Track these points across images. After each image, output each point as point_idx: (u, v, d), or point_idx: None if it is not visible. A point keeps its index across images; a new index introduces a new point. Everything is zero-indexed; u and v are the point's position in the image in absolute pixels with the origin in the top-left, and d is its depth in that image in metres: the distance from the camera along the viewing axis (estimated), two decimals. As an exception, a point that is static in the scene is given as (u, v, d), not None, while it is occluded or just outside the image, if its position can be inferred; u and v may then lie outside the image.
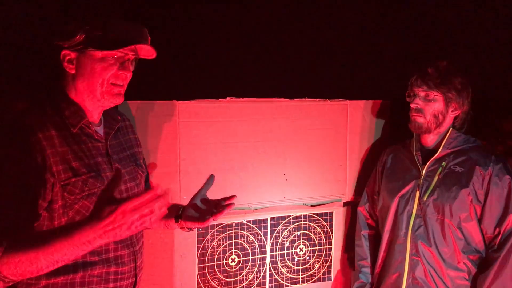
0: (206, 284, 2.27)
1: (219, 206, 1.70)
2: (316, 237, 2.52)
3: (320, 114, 2.46)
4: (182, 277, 2.22)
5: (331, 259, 2.56)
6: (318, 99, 2.44)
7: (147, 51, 1.56)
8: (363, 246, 2.31)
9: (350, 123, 2.53)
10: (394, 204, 2.10)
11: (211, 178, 1.78)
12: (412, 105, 2.05)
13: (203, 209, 1.73)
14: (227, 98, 2.24)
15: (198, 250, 2.24)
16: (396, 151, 2.25)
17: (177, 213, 1.79)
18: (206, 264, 2.27)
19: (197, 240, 2.24)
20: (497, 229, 1.89)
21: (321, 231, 2.53)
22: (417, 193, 2.04)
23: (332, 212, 2.53)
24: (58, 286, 1.45)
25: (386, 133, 2.61)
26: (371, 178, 2.37)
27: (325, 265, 2.56)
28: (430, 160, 2.04)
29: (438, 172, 2.00)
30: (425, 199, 2.01)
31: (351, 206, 2.58)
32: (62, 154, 1.44)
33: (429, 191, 2.00)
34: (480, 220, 1.93)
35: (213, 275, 2.29)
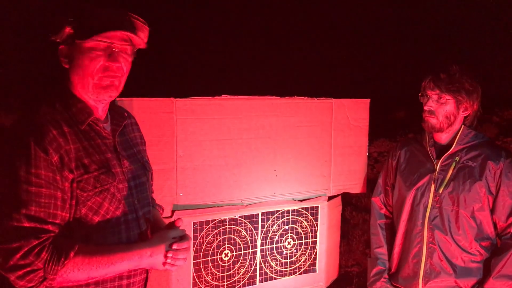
0: (201, 279, 2.30)
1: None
2: (302, 231, 2.61)
3: (308, 112, 2.55)
4: (178, 272, 2.23)
5: (316, 252, 2.66)
6: (306, 97, 2.53)
7: (140, 40, 1.52)
8: (380, 234, 2.41)
9: (335, 120, 2.63)
10: (411, 196, 2.24)
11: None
12: (426, 107, 2.17)
13: None
14: (222, 95, 2.28)
15: (193, 246, 2.27)
16: (409, 146, 2.37)
17: None
18: (201, 260, 2.30)
19: (193, 236, 2.26)
20: (511, 219, 2.08)
21: (307, 224, 2.62)
22: (433, 186, 2.18)
23: (318, 206, 2.63)
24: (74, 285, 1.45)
25: (366, 129, 2.75)
26: (384, 171, 2.47)
27: (311, 258, 2.65)
28: (444, 156, 2.18)
29: (452, 167, 2.15)
30: (440, 191, 2.15)
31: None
32: (75, 150, 1.43)
33: (444, 184, 2.15)
34: (492, 211, 2.11)
35: (208, 270, 2.33)
